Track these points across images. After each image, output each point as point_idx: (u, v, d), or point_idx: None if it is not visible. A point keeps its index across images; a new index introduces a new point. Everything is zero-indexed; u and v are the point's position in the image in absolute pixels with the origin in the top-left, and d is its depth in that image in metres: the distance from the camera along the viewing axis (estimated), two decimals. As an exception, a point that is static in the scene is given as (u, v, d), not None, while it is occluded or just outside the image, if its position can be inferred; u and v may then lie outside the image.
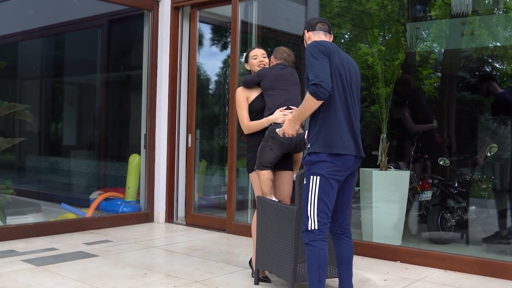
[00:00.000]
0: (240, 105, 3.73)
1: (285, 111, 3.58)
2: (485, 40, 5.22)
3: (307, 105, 2.78)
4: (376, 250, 4.48)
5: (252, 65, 3.81)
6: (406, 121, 5.39)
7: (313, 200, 2.82)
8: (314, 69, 2.75)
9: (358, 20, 6.11)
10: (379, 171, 4.84)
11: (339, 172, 2.83)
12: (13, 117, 6.07)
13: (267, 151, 3.58)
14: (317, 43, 2.85)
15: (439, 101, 5.67)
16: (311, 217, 2.82)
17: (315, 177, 2.81)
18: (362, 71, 6.09)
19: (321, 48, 2.82)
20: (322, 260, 2.81)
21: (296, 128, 3.01)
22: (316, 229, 2.82)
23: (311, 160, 2.85)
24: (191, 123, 5.97)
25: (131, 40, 7.84)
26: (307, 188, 2.86)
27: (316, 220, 2.82)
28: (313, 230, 2.82)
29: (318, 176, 2.81)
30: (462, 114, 5.64)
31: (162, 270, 4.00)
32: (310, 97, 2.74)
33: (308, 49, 2.85)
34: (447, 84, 5.72)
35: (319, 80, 2.70)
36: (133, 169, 6.24)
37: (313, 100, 2.73)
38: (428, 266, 4.17)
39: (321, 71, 2.73)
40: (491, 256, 4.36)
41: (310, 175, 2.84)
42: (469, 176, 5.14)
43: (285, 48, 3.86)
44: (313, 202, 2.82)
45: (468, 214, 5.06)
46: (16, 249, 4.53)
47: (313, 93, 2.71)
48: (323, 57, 2.79)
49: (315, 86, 2.70)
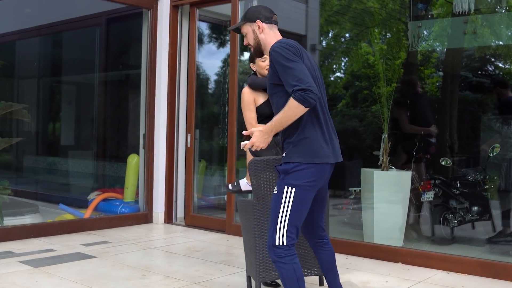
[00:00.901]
0: (249, 106, 3.59)
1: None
2: (488, 39, 5.20)
3: (291, 113, 2.50)
4: (378, 251, 4.46)
5: (260, 67, 3.62)
6: (401, 119, 5.33)
7: (285, 213, 2.56)
8: (294, 72, 2.49)
9: (359, 18, 6.09)
10: (381, 171, 4.81)
11: (316, 182, 2.61)
12: (10, 117, 6.04)
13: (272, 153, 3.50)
14: (286, 44, 2.59)
15: (441, 101, 5.65)
16: (280, 231, 2.57)
17: (290, 189, 2.56)
18: (363, 70, 6.07)
19: (292, 49, 2.56)
20: (298, 274, 2.59)
21: (269, 141, 2.63)
22: (284, 245, 2.57)
23: (287, 169, 2.58)
24: (191, 123, 5.94)
25: (129, 39, 7.80)
26: (278, 199, 2.59)
27: (285, 235, 2.56)
28: (281, 246, 2.57)
29: (293, 188, 2.56)
30: (464, 114, 5.62)
31: (161, 271, 3.97)
32: (296, 104, 2.47)
33: (277, 50, 2.56)
34: (449, 83, 5.70)
35: (306, 85, 2.45)
36: (132, 169, 6.21)
37: (300, 107, 2.47)
38: (430, 267, 4.14)
39: (304, 74, 2.49)
40: (494, 257, 4.35)
41: (284, 185, 2.58)
42: (471, 176, 5.12)
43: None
44: (285, 216, 2.57)
45: (470, 215, 5.04)
46: (14, 250, 4.50)
47: (301, 100, 2.45)
48: (298, 59, 2.54)
49: (304, 91, 2.45)
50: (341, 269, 4.08)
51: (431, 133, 5.28)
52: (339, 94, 7.20)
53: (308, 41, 7.22)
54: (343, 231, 5.54)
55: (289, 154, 2.61)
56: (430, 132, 5.27)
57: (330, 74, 7.59)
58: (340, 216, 6.09)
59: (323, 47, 7.55)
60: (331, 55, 7.69)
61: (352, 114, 6.88)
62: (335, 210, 7.03)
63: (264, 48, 2.77)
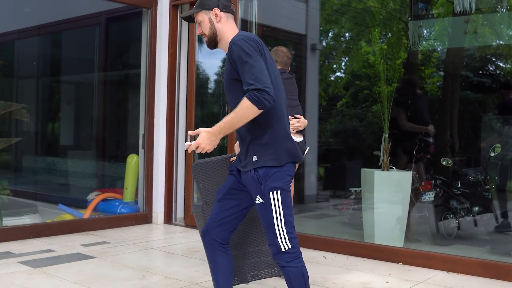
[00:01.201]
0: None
1: (292, 121, 3.55)
2: (489, 39, 5.20)
3: (243, 115, 2.32)
4: (378, 251, 4.44)
5: None
6: (399, 117, 5.32)
7: (280, 219, 2.45)
8: (252, 70, 2.32)
9: (360, 18, 6.08)
10: (381, 171, 4.80)
11: (290, 182, 2.51)
12: (9, 116, 6.02)
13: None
14: (248, 38, 2.42)
15: (442, 101, 5.65)
16: (282, 237, 2.46)
17: (275, 192, 2.43)
18: (364, 70, 6.06)
19: (254, 44, 2.39)
20: (306, 277, 2.52)
21: (216, 143, 2.43)
22: (290, 248, 2.47)
23: (266, 174, 2.44)
24: (190, 122, 5.92)
25: (129, 38, 7.79)
26: (267, 207, 2.45)
27: (287, 238, 2.46)
28: (287, 251, 2.46)
29: (278, 190, 2.43)
30: (465, 114, 5.62)
31: (161, 272, 3.95)
32: (249, 105, 2.29)
33: (238, 43, 2.38)
34: (450, 83, 5.70)
35: (263, 85, 2.29)
36: (131, 169, 6.19)
37: (253, 108, 2.30)
38: (431, 268, 4.12)
39: (262, 73, 2.32)
40: (495, 257, 4.34)
41: (269, 191, 2.43)
42: (472, 176, 5.11)
43: (286, 50, 3.76)
44: (281, 221, 2.45)
45: (471, 215, 5.04)
46: (13, 250, 4.48)
47: (255, 101, 2.28)
48: (258, 55, 2.37)
49: (259, 92, 2.28)
50: (341, 269, 4.08)
51: (429, 133, 5.28)
52: (339, 94, 7.20)
53: (308, 40, 7.22)
54: (343, 231, 5.54)
55: (263, 158, 2.45)
56: (428, 131, 5.28)
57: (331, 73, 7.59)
58: (341, 216, 6.09)
59: (323, 47, 7.55)
60: (331, 55, 7.69)
61: (353, 114, 6.88)
62: (335, 210, 7.02)
63: (220, 40, 2.56)
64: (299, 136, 3.66)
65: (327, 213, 7.15)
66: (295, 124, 3.60)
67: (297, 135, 3.64)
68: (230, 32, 2.53)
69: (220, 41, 2.56)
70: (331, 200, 7.48)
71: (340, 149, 7.59)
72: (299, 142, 3.61)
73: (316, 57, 7.50)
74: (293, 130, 3.56)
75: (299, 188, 7.40)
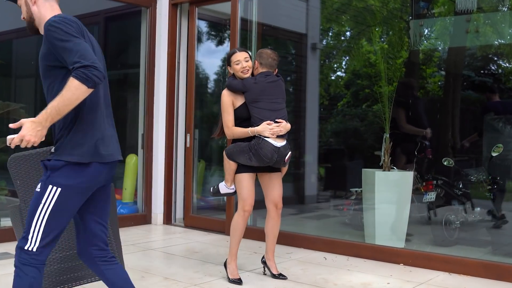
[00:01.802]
0: (227, 109, 3.65)
1: (272, 125, 3.52)
2: (490, 38, 5.18)
3: (72, 96, 2.07)
4: (379, 252, 4.42)
5: (235, 71, 3.66)
6: (398, 118, 5.32)
7: (42, 216, 2.22)
8: (76, 47, 2.11)
9: (360, 17, 6.06)
10: (382, 171, 4.77)
11: (88, 184, 2.28)
12: (7, 116, 5.98)
13: (245, 157, 3.58)
14: (67, 19, 2.21)
15: (443, 100, 5.63)
16: (34, 234, 2.22)
17: (54, 188, 2.21)
18: (365, 69, 6.04)
19: (74, 25, 2.20)
20: None
21: (44, 133, 2.16)
22: (33, 251, 2.23)
23: (55, 166, 2.22)
24: (190, 122, 5.90)
25: (128, 37, 7.76)
26: (39, 198, 2.23)
27: (38, 240, 2.22)
28: (28, 252, 2.23)
29: (59, 188, 2.21)
30: (467, 113, 5.60)
31: (160, 273, 3.93)
32: (77, 84, 2.06)
33: (54, 25, 2.17)
34: (451, 82, 5.68)
35: (90, 61, 2.08)
36: (130, 169, 6.17)
37: (82, 87, 2.07)
38: (432, 268, 4.10)
39: (87, 51, 2.12)
40: (497, 258, 4.33)
41: (49, 184, 2.22)
42: (473, 176, 5.09)
43: (270, 52, 3.73)
44: (42, 218, 2.22)
45: (472, 216, 5.02)
46: (11, 251, 4.45)
47: (83, 78, 2.06)
48: (80, 37, 2.18)
49: (86, 68, 2.06)
50: (342, 270, 4.06)
51: (426, 136, 5.30)
52: (341, 94, 7.18)
53: (309, 39, 7.19)
54: (344, 232, 5.51)
55: (61, 149, 2.25)
56: (425, 134, 5.29)
57: (331, 73, 7.56)
58: (341, 217, 6.06)
59: (324, 46, 7.52)
60: (332, 54, 7.67)
61: (353, 114, 6.85)
62: (336, 211, 6.99)
63: (39, 24, 2.37)
64: (281, 141, 3.57)
65: (327, 213, 7.13)
66: (275, 128, 3.53)
67: (278, 139, 3.55)
68: (49, 15, 2.32)
69: (39, 26, 2.38)
70: (332, 200, 7.46)
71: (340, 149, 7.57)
72: (280, 147, 3.56)
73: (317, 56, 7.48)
74: (273, 135, 3.52)
75: (299, 188, 7.38)
